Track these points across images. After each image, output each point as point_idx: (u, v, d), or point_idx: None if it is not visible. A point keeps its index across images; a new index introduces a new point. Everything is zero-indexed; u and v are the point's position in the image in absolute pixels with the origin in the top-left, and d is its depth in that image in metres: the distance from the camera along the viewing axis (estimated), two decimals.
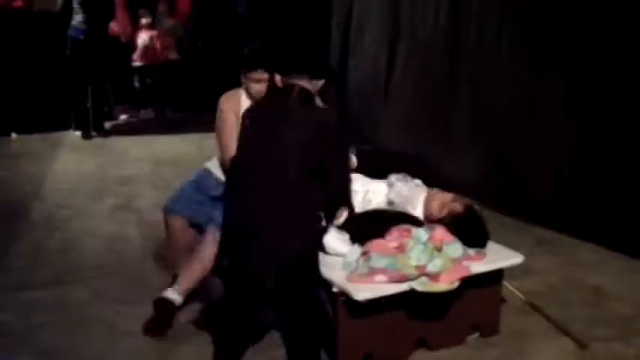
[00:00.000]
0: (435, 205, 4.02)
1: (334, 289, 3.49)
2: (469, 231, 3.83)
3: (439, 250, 3.60)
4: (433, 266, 3.51)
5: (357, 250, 3.67)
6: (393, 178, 4.28)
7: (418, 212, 4.05)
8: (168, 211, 4.32)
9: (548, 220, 5.57)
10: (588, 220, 5.28)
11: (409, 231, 3.72)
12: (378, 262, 3.50)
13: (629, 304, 4.32)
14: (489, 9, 6.27)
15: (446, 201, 4.02)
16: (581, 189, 5.41)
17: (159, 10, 10.42)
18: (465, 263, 3.63)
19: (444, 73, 6.89)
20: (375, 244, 3.63)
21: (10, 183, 7.02)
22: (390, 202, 4.16)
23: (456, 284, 3.53)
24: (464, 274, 3.57)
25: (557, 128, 5.62)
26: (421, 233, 3.70)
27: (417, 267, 3.50)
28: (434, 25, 7.03)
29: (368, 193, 4.20)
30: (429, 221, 3.96)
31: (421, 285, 3.48)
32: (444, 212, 3.95)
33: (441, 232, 3.70)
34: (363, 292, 3.40)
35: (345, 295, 3.43)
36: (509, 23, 6.05)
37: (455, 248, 3.65)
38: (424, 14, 7.20)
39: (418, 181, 4.31)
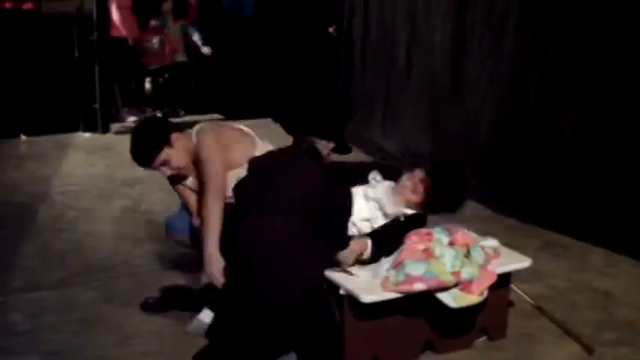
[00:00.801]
0: (408, 191, 3.85)
1: (341, 292, 3.49)
2: (450, 181, 3.84)
3: (467, 255, 3.57)
4: (467, 273, 3.48)
5: (384, 263, 3.62)
6: (367, 189, 4.18)
7: (401, 207, 3.97)
8: (169, 229, 4.38)
9: (555, 223, 5.56)
10: (597, 224, 5.26)
11: (430, 234, 3.70)
12: (415, 269, 3.43)
13: (638, 308, 4.30)
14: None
15: (415, 182, 3.85)
16: (589, 192, 5.39)
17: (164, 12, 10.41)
18: (490, 267, 3.61)
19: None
20: (406, 251, 3.55)
21: (20, 184, 7.04)
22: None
23: (485, 294, 3.53)
24: (491, 281, 3.56)
25: (565, 131, 5.62)
26: (441, 236, 3.68)
27: (453, 273, 3.46)
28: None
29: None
30: (413, 208, 3.89)
31: (454, 300, 3.46)
32: (421, 190, 3.83)
33: (461, 235, 3.68)
34: (369, 294, 3.40)
35: (351, 298, 3.44)
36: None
37: (479, 253, 3.62)
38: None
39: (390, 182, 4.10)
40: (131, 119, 10.04)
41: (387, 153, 7.79)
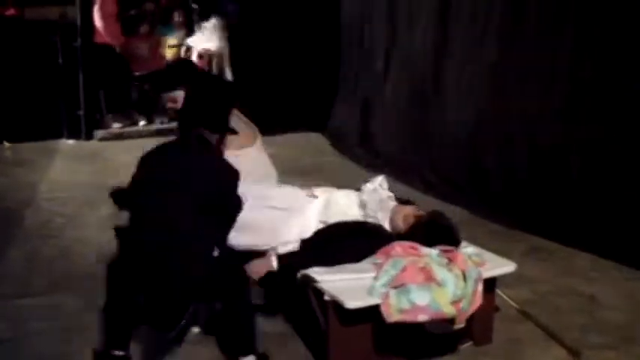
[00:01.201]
0: (400, 217, 4.05)
1: (326, 298, 3.50)
2: (440, 230, 3.88)
3: (464, 278, 3.56)
4: (464, 304, 3.51)
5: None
6: (367, 187, 4.30)
7: (385, 225, 4.07)
8: None
9: (539, 227, 5.59)
10: (581, 228, 5.30)
11: (415, 248, 3.70)
12: (421, 297, 3.41)
13: (623, 312, 4.35)
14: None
15: (408, 213, 4.05)
16: (575, 197, 5.43)
17: (174, 20, 10.40)
18: (479, 290, 3.61)
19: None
20: (409, 273, 3.49)
21: (5, 191, 7.00)
22: (365, 213, 4.17)
23: (463, 324, 3.58)
24: (477, 306, 3.60)
25: (553, 134, 5.66)
26: (432, 253, 3.67)
27: (454, 303, 3.47)
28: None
29: (330, 202, 4.20)
30: (397, 235, 3.98)
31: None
32: (410, 221, 3.98)
33: (460, 257, 3.66)
34: (353, 300, 3.42)
35: (335, 303, 3.46)
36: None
37: (473, 279, 3.60)
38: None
39: (390, 193, 4.31)
40: (116, 125, 10.00)
41: (371, 157, 7.83)
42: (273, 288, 4.06)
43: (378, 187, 4.27)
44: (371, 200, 4.13)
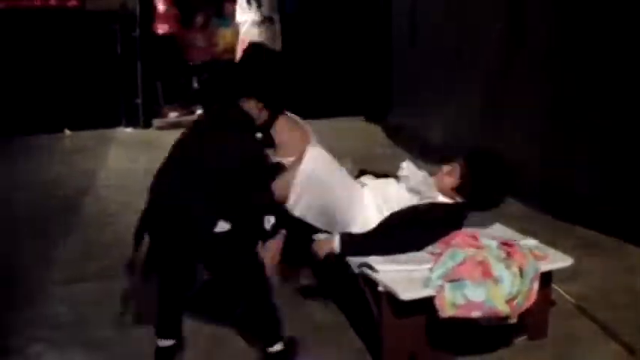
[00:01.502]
0: (445, 178, 3.97)
1: (380, 289, 3.49)
2: (488, 170, 3.86)
3: (521, 274, 3.51)
4: (519, 301, 3.46)
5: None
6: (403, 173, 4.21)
7: (436, 193, 3.99)
8: None
9: (595, 221, 5.49)
10: (637, 223, 5.19)
11: (476, 238, 3.66)
12: (476, 294, 3.37)
13: None
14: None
15: (450, 169, 3.98)
16: (628, 189, 5.32)
17: (227, 11, 10.46)
18: (535, 287, 3.56)
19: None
20: (466, 267, 3.45)
21: (64, 178, 7.16)
22: (421, 197, 4.08)
23: (515, 320, 3.53)
24: (530, 303, 3.54)
25: (601, 126, 5.57)
26: (492, 245, 3.63)
27: (508, 302, 3.43)
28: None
29: (383, 191, 4.12)
30: (449, 195, 3.94)
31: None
32: (456, 173, 3.93)
33: (518, 252, 3.61)
34: (407, 291, 3.40)
35: (389, 295, 3.44)
36: None
37: (530, 274, 3.54)
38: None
39: (423, 172, 4.18)
40: (173, 114, 10.14)
41: (430, 144, 7.79)
42: (328, 272, 4.05)
43: (412, 169, 4.17)
44: (418, 183, 4.06)
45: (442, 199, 3.96)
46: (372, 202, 4.05)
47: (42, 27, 9.20)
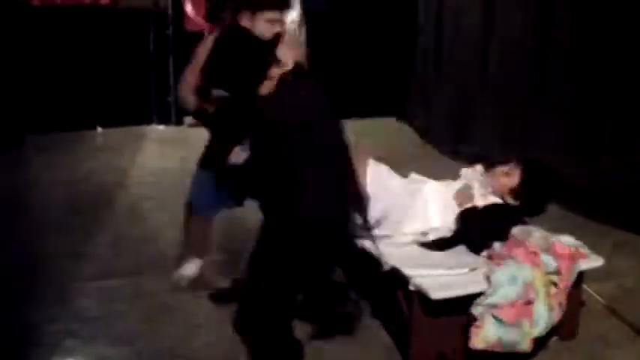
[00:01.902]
0: (502, 174, 4.03)
1: (410, 287, 3.48)
2: (545, 179, 4.00)
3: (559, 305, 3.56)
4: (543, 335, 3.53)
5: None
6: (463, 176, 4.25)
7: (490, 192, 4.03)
8: (195, 210, 4.30)
9: (626, 221, 5.43)
10: None
11: (537, 255, 3.60)
12: (507, 336, 3.40)
13: None
14: None
15: (508, 169, 4.03)
16: None
17: None
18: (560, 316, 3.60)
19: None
20: (515, 310, 3.41)
21: (96, 174, 7.21)
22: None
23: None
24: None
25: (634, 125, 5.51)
26: (550, 263, 3.60)
27: (533, 340, 3.48)
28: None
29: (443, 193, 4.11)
30: (500, 195, 3.99)
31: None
32: (515, 174, 3.98)
33: (571, 268, 3.62)
34: (438, 291, 3.39)
35: (420, 294, 3.43)
36: None
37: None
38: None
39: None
40: None
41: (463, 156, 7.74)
42: (360, 269, 4.06)
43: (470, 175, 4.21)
44: (478, 187, 4.08)
45: (493, 198, 3.98)
46: (432, 205, 4.05)
47: (75, 24, 9.25)
